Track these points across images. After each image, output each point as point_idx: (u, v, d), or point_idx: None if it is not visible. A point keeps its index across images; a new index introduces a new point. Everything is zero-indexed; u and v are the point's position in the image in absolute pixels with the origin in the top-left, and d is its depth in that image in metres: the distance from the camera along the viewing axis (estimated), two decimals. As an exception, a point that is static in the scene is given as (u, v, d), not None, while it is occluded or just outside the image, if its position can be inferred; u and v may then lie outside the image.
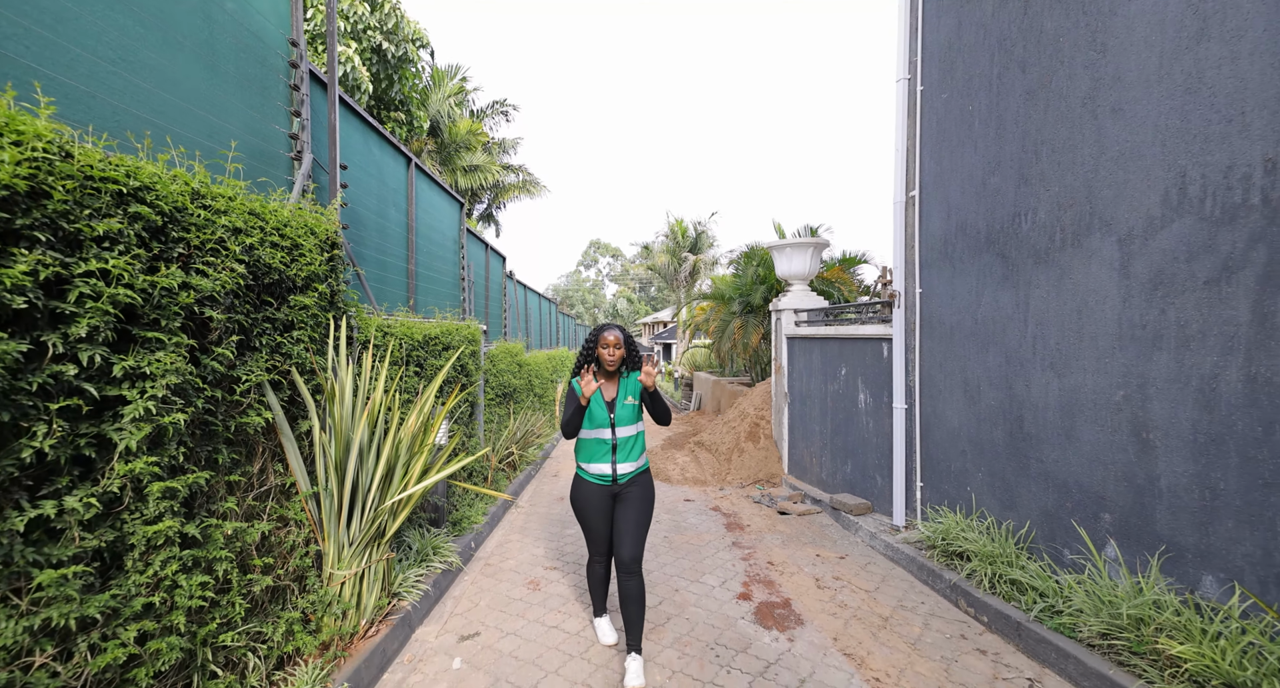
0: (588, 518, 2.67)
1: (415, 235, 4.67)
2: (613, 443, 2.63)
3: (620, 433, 2.64)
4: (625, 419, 2.66)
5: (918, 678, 2.52)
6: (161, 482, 1.73)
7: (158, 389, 1.68)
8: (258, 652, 2.20)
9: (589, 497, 2.65)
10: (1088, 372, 2.77)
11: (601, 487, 2.64)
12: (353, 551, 2.72)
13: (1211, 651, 1.99)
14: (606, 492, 2.65)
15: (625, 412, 2.66)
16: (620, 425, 2.64)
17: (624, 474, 2.64)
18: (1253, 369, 2.10)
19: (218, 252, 1.97)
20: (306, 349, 2.56)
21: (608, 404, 2.66)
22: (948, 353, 3.78)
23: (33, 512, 1.40)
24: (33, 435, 1.40)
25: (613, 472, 2.62)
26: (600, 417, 2.63)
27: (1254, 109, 2.08)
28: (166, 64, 2.19)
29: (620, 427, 2.64)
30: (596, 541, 2.71)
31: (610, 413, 2.64)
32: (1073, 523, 2.84)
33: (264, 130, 2.77)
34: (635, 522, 2.62)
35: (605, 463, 2.62)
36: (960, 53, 3.63)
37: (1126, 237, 2.57)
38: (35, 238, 1.39)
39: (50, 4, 1.75)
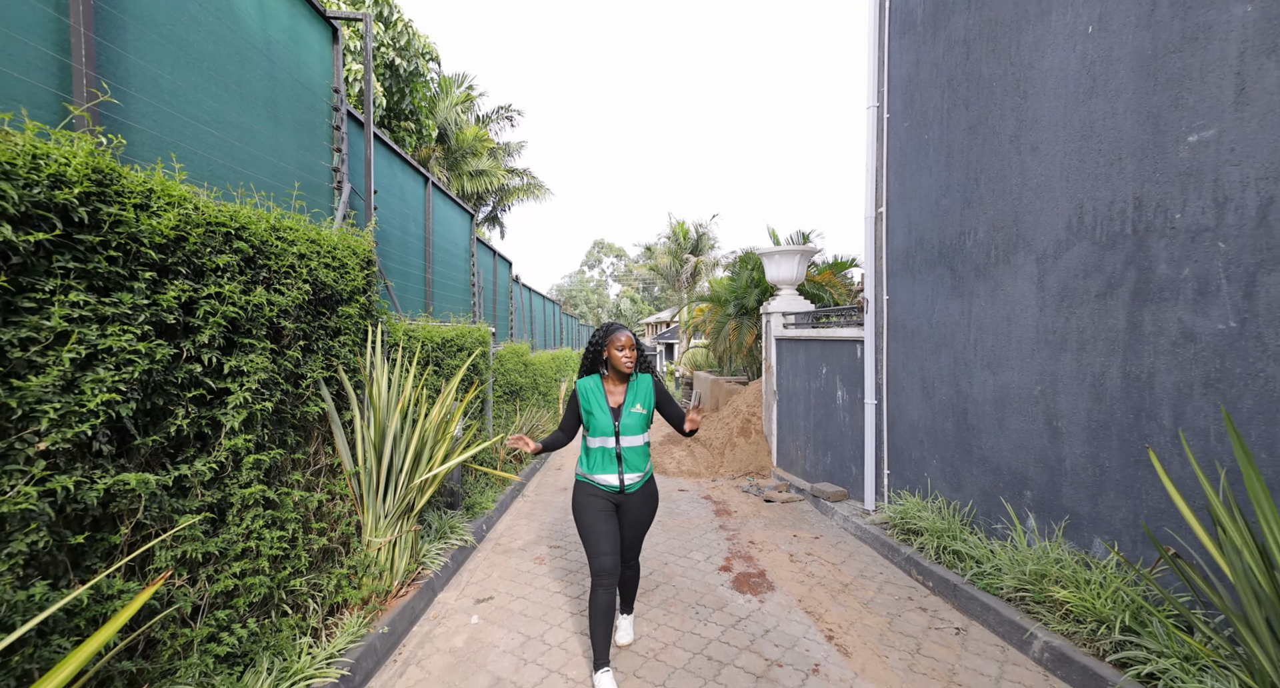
0: (591, 521, 2.44)
1: (432, 248, 5.21)
2: (617, 452, 2.45)
3: (625, 443, 2.45)
4: (631, 428, 2.46)
5: (864, 629, 3.03)
6: (253, 455, 2.27)
7: (251, 383, 2.21)
8: (316, 599, 2.73)
9: (591, 501, 2.48)
10: (1014, 371, 3.27)
11: (606, 493, 2.49)
12: (387, 521, 3.26)
13: (1089, 596, 2.49)
14: (611, 498, 2.50)
15: (632, 421, 2.46)
16: (625, 435, 2.45)
17: (631, 485, 2.49)
18: (1127, 368, 2.59)
19: (289, 274, 2.50)
20: (351, 351, 3.09)
21: (612, 411, 2.47)
22: (909, 354, 4.28)
23: (175, 472, 1.93)
24: (174, 416, 1.93)
25: (620, 482, 2.46)
26: (603, 424, 2.44)
27: (1128, 155, 2.58)
28: (243, 120, 2.72)
29: (625, 436, 2.45)
30: (602, 549, 2.39)
31: (615, 420, 2.45)
32: (1001, 500, 3.34)
33: (312, 165, 3.31)
34: (640, 531, 2.58)
35: (611, 474, 2.46)
36: (918, 87, 4.13)
37: (1042, 256, 3.07)
38: (178, 271, 1.92)
39: (168, 85, 2.28)
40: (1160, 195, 2.44)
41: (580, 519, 2.48)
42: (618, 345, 2.44)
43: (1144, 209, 2.51)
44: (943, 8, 3.83)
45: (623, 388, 2.52)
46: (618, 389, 2.52)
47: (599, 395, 2.50)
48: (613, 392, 2.51)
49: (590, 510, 2.45)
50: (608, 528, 2.43)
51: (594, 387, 2.52)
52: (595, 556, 2.39)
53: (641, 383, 2.54)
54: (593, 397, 2.50)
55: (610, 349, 2.45)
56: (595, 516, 2.44)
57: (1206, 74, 2.25)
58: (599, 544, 2.39)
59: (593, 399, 2.50)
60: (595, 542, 2.40)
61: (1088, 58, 2.76)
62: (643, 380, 2.55)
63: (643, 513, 2.55)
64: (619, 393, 2.51)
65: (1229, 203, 2.18)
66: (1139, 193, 2.53)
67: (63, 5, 1.86)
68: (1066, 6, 2.88)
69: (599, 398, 2.49)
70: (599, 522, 2.43)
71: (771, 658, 2.75)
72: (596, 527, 2.42)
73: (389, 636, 2.88)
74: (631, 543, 2.60)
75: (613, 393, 2.51)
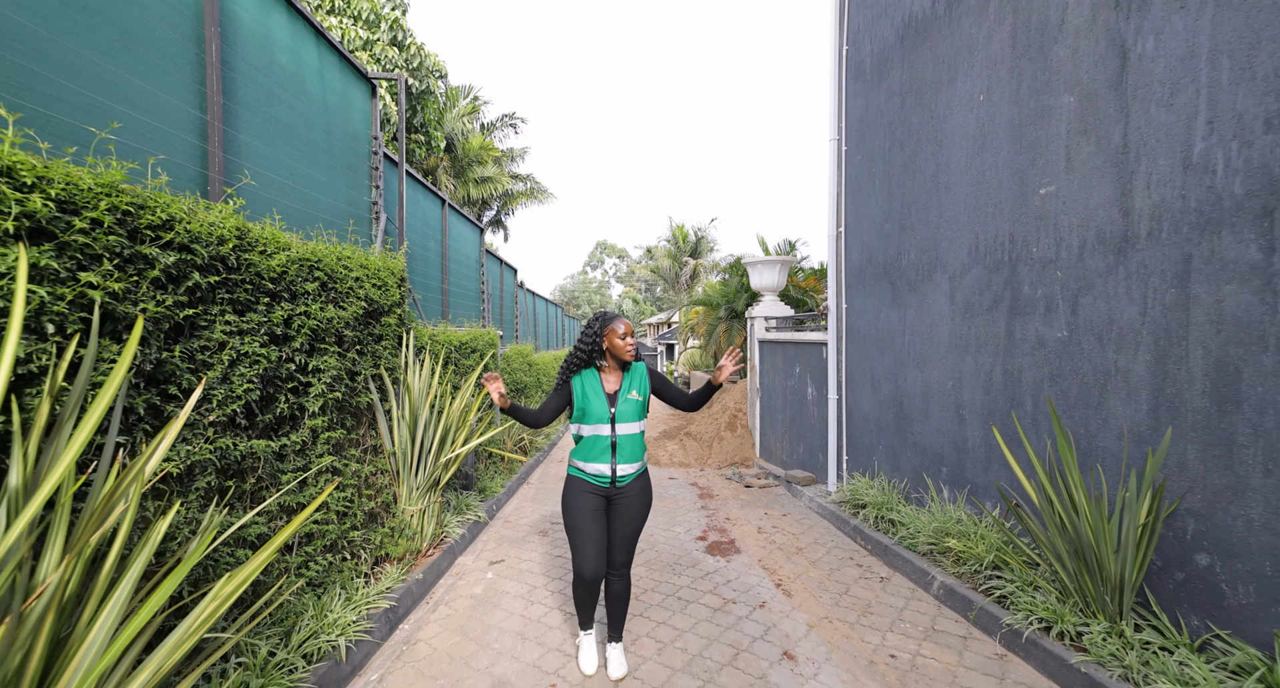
0: (579, 520, 2.44)
1: (448, 261, 5.99)
2: (612, 440, 2.45)
3: (621, 430, 2.46)
4: (627, 415, 2.47)
5: (807, 579, 3.77)
6: (326, 433, 3.03)
7: (326, 378, 2.98)
8: (366, 549, 3.49)
9: (581, 498, 2.48)
10: (935, 369, 4.01)
11: (597, 487, 2.48)
12: (418, 493, 4.02)
13: (972, 544, 3.24)
14: (602, 494, 2.49)
15: (628, 407, 2.48)
16: (621, 422, 2.46)
17: (624, 476, 2.48)
18: (1005, 366, 3.34)
19: (349, 294, 3.27)
20: (390, 353, 3.86)
21: (608, 397, 2.48)
22: (862, 355, 5.02)
23: (279, 443, 2.69)
24: (279, 402, 2.69)
25: (612, 472, 2.45)
26: (599, 411, 2.45)
27: (1004, 200, 3.32)
28: (309, 171, 3.50)
29: (621, 423, 2.46)
30: (588, 553, 2.41)
31: (611, 407, 2.46)
32: (925, 476, 4.08)
33: (357, 200, 4.08)
34: (631, 530, 2.53)
35: (604, 463, 2.45)
36: (867, 126, 4.88)
37: (953, 275, 3.81)
38: (282, 296, 2.69)
39: (262, 152, 3.05)
40: (1024, 233, 3.18)
41: (568, 519, 2.48)
42: (619, 334, 2.45)
43: (1015, 243, 3.25)
44: (884, 62, 4.58)
45: (618, 377, 2.54)
46: (613, 378, 2.53)
47: (595, 385, 2.49)
48: (609, 380, 2.53)
49: (579, 510, 2.45)
50: (595, 530, 2.44)
51: (590, 378, 2.53)
52: (580, 558, 2.42)
53: (637, 370, 2.56)
54: (589, 385, 2.50)
55: (611, 339, 2.46)
56: (584, 516, 2.44)
57: (1050, 144, 2.99)
58: (585, 548, 2.41)
59: (589, 388, 2.49)
60: (581, 545, 2.42)
61: (980, 120, 3.51)
62: (638, 368, 2.57)
63: (635, 508, 2.52)
64: (614, 381, 2.53)
65: (1063, 242, 2.92)
66: (1011, 230, 3.27)
67: (204, 106, 2.63)
68: (967, 77, 3.62)
69: (594, 385, 2.48)
70: (587, 523, 2.43)
71: (728, 598, 3.51)
72: (584, 529, 2.43)
73: (422, 582, 3.64)
74: (622, 543, 2.52)
75: (608, 381, 2.52)
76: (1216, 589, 2.25)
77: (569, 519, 2.49)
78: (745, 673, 2.67)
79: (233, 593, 1.56)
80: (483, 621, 3.29)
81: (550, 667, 2.73)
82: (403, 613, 3.32)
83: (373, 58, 8.97)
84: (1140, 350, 2.53)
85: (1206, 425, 2.27)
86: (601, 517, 2.49)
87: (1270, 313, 2.05)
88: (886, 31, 4.55)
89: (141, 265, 1.90)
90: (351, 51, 8.98)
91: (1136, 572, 2.42)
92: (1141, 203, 2.51)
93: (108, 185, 1.75)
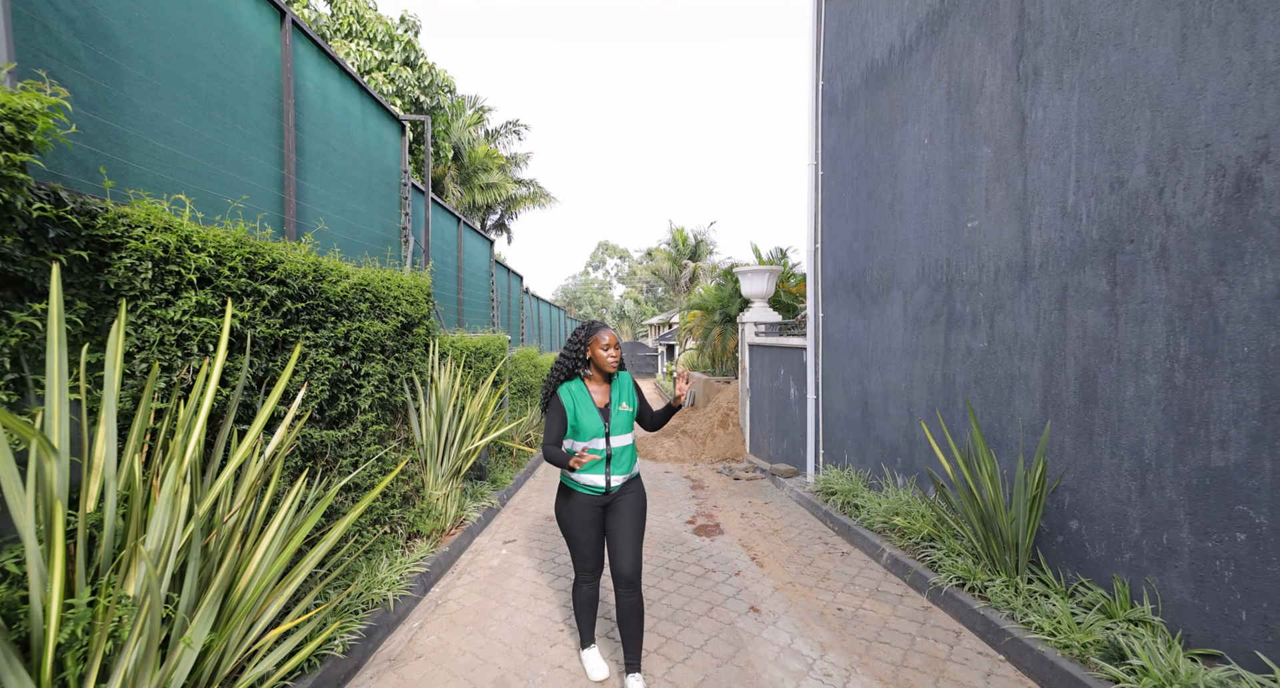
0: (576, 531, 2.49)
1: (463, 273, 6.66)
2: (607, 453, 2.46)
3: (615, 443, 2.46)
4: (621, 427, 2.48)
5: (779, 554, 4.43)
6: (373, 426, 3.69)
7: (374, 381, 3.64)
8: (402, 526, 4.16)
9: (577, 509, 2.49)
10: (892, 372, 4.66)
11: (592, 497, 2.49)
12: (442, 479, 4.69)
13: (914, 521, 3.89)
14: (597, 502, 2.51)
15: (621, 419, 2.49)
16: (616, 435, 2.46)
17: (617, 485, 2.50)
18: (944, 371, 3.98)
19: (390, 310, 3.93)
20: (420, 359, 4.52)
21: (600, 411, 2.47)
22: (835, 359, 5.67)
23: (340, 433, 3.36)
24: (340, 400, 3.35)
25: (606, 482, 2.46)
26: (593, 426, 2.43)
27: (943, 230, 3.97)
28: (354, 205, 4.16)
29: (616, 436, 2.46)
30: (585, 556, 2.50)
31: (605, 421, 2.46)
32: (883, 466, 4.73)
33: (389, 225, 4.75)
34: (632, 531, 2.50)
35: (599, 474, 2.45)
36: (839, 155, 5.52)
37: (906, 292, 4.46)
38: (343, 314, 3.35)
39: (321, 193, 3.72)
40: (957, 259, 3.83)
41: (566, 530, 2.54)
42: (602, 345, 2.45)
43: (951, 267, 3.90)
44: (852, 100, 5.23)
45: (605, 388, 2.54)
46: (600, 389, 2.53)
47: (584, 397, 2.47)
48: (596, 391, 2.52)
49: (576, 521, 2.50)
50: (592, 537, 2.52)
51: (578, 389, 2.50)
52: (580, 561, 2.55)
53: (624, 380, 2.59)
54: (579, 400, 2.47)
55: (594, 349, 2.46)
56: (581, 527, 2.49)
57: (974, 186, 3.64)
58: (584, 553, 2.54)
59: (579, 402, 2.47)
60: (581, 551, 2.53)
61: (925, 160, 4.15)
62: (624, 378, 2.60)
63: (631, 505, 2.55)
64: (603, 393, 2.53)
65: (984, 268, 3.57)
66: (948, 256, 3.92)
67: (281, 162, 3.30)
68: (915, 122, 4.27)
69: (584, 400, 2.47)
70: (584, 533, 2.50)
71: (709, 568, 4.16)
72: (582, 539, 2.51)
73: (448, 555, 4.31)
74: (626, 545, 2.50)
75: (596, 393, 2.51)
76: (1082, 547, 2.89)
77: (566, 530, 2.54)
78: (718, 621, 3.33)
79: (339, 534, 2.22)
80: (500, 586, 3.95)
81: (558, 617, 3.39)
82: (433, 579, 3.98)
83: (388, 78, 9.64)
84: (1035, 359, 3.17)
85: (1075, 419, 2.91)
86: (598, 524, 2.54)
87: (1114, 332, 2.69)
88: (854, 73, 5.19)
89: (256, 297, 2.56)
90: (368, 71, 9.66)
91: (1028, 536, 3.07)
92: (1036, 240, 3.16)
93: (239, 240, 2.41)
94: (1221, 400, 2.24)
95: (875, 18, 4.81)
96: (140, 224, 1.97)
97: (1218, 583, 2.27)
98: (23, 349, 1.60)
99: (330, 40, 9.36)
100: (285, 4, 3.19)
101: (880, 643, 3.02)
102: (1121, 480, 2.67)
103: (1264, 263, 2.10)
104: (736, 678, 2.73)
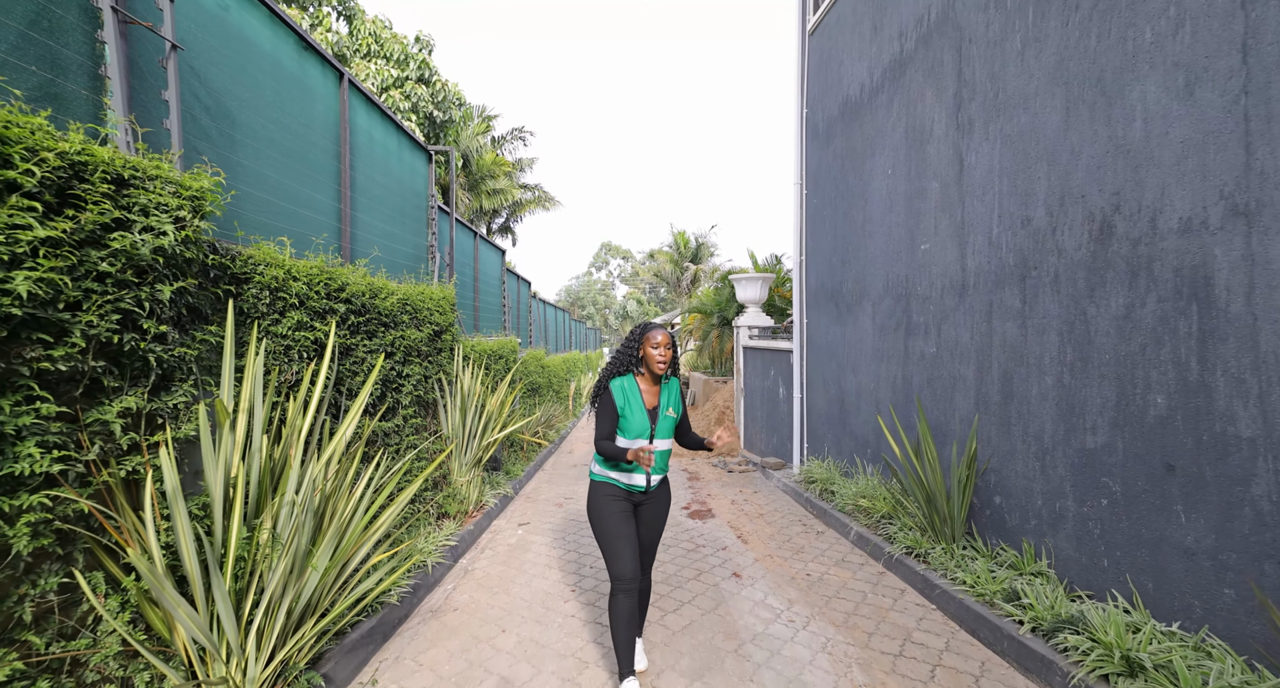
0: (613, 525, 2.44)
1: (479, 282, 7.34)
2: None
3: (659, 445, 2.51)
4: (665, 431, 2.52)
5: (762, 534, 5.08)
6: (411, 420, 4.37)
7: (413, 381, 4.31)
8: (433, 506, 4.83)
9: (610, 503, 2.49)
10: (863, 374, 5.31)
11: (630, 494, 2.54)
12: (466, 467, 5.36)
13: (877, 502, 4.54)
14: (631, 499, 2.55)
15: (666, 424, 2.53)
16: (659, 438, 2.51)
17: (656, 484, 2.58)
18: (904, 373, 4.64)
19: (425, 319, 4.60)
20: (447, 361, 5.20)
21: (649, 412, 2.50)
22: (817, 361, 6.32)
23: (388, 425, 4.03)
24: (387, 397, 4.03)
25: (647, 482, 2.51)
26: (640, 425, 2.46)
27: (902, 251, 4.62)
28: (391, 228, 4.85)
29: (659, 439, 2.51)
30: (624, 556, 2.39)
31: (652, 423, 2.49)
32: (855, 457, 5.39)
33: (418, 243, 5.43)
34: (657, 532, 2.64)
35: (641, 474, 2.49)
36: (820, 177, 6.18)
37: (874, 303, 5.11)
38: (389, 324, 4.02)
39: (367, 220, 4.40)
40: (914, 276, 4.48)
41: (599, 524, 2.47)
42: (653, 343, 2.46)
43: (909, 283, 4.55)
44: (831, 129, 5.88)
45: (656, 390, 2.56)
46: (652, 390, 2.54)
47: (635, 395, 2.49)
48: (647, 392, 2.53)
49: (611, 515, 2.45)
50: (628, 532, 2.44)
51: (629, 386, 2.52)
52: (616, 561, 2.38)
53: (673, 387, 2.60)
54: (630, 396, 2.50)
55: (645, 347, 2.48)
56: (616, 520, 2.45)
57: (925, 214, 4.29)
58: (620, 549, 2.39)
59: (630, 399, 2.49)
60: (617, 547, 2.40)
61: (888, 188, 4.81)
62: (674, 384, 2.61)
63: (660, 510, 2.62)
64: (653, 394, 2.54)
65: (934, 285, 4.22)
66: (907, 273, 4.57)
67: (339, 197, 3.98)
68: (881, 154, 4.92)
69: (635, 398, 2.48)
70: (620, 526, 2.44)
71: (700, 544, 4.83)
72: (617, 531, 2.43)
73: (471, 533, 4.98)
74: (649, 546, 2.61)
75: (647, 393, 2.53)
76: (1003, 519, 3.55)
77: (600, 524, 2.47)
78: (704, 584, 3.99)
79: (405, 499, 2.90)
80: (519, 559, 4.62)
81: (570, 582, 4.06)
82: (461, 552, 4.65)
83: (404, 95, 10.33)
84: (970, 363, 3.83)
85: (998, 413, 3.57)
86: (631, 519, 2.51)
87: (1024, 341, 3.34)
88: (831, 105, 5.85)
89: (332, 314, 3.24)
90: (386, 88, 10.35)
91: (962, 511, 3.72)
92: (970, 263, 3.81)
93: (320, 269, 3.09)
94: (1092, 397, 2.89)
95: (849, 57, 5.47)
96: (261, 262, 2.64)
97: (1090, 539, 2.92)
98: (194, 358, 2.28)
99: (350, 61, 10.06)
100: (344, 67, 3.86)
101: (838, 599, 3.68)
102: (1029, 462, 3.32)
103: (1118, 290, 2.75)
104: (717, 623, 3.39)
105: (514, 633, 3.31)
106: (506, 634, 3.30)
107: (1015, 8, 3.38)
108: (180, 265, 2.10)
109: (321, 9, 10.05)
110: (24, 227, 1.58)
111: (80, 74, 2.13)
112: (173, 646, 2.04)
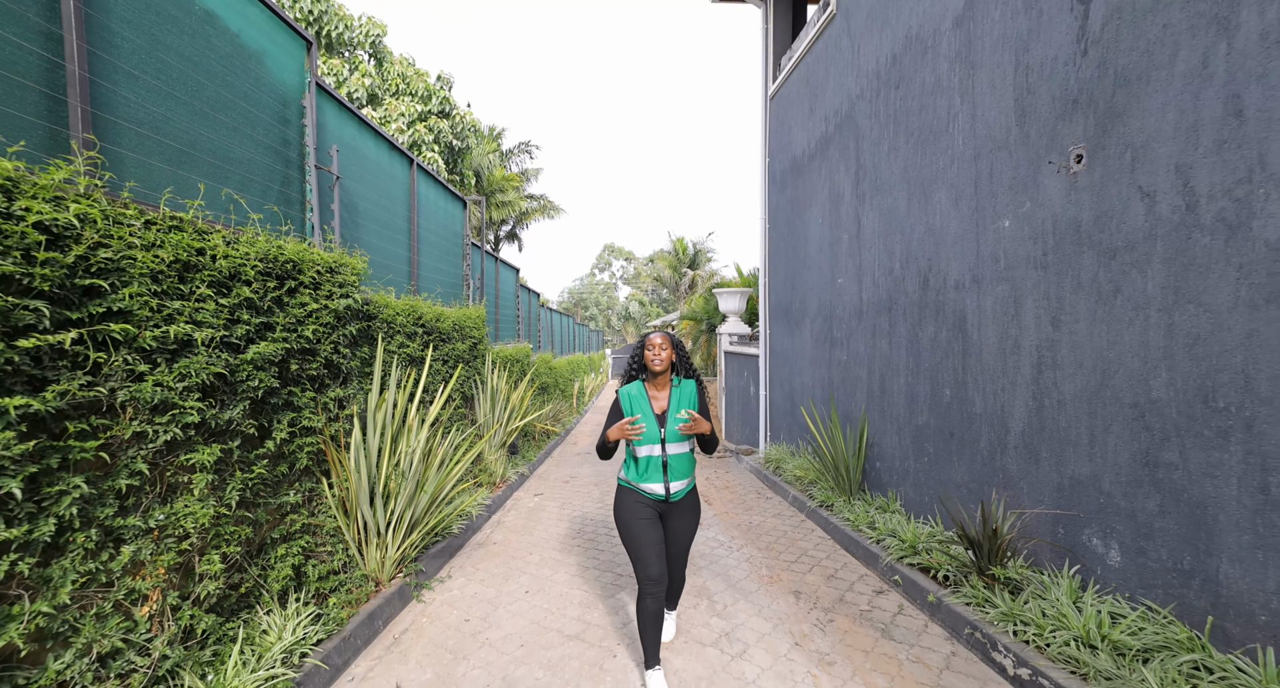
0: (637, 530, 2.48)
1: (499, 298, 8.98)
2: (663, 460, 2.50)
3: (671, 450, 2.50)
4: (677, 435, 2.51)
5: (725, 500, 6.69)
6: (459, 409, 5.99)
7: (457, 381, 5.93)
8: (471, 476, 6.45)
9: (636, 508, 2.52)
10: (805, 376, 6.90)
11: (652, 501, 2.55)
12: (495, 447, 6.99)
13: (807, 472, 6.15)
14: (656, 506, 2.56)
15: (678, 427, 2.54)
16: (671, 442, 2.50)
17: (677, 492, 2.55)
18: (828, 375, 6.23)
19: (467, 334, 6.21)
20: (480, 366, 6.82)
21: (657, 417, 2.51)
22: (777, 365, 7.92)
23: (425, 431, 5.65)
24: (435, 393, 5.65)
25: (666, 490, 2.51)
26: (650, 431, 2.48)
27: (827, 282, 6.21)
28: (437, 264, 6.48)
29: (671, 443, 2.50)
30: (649, 559, 2.43)
31: (661, 427, 2.50)
32: (798, 440, 7.00)
33: (456, 273, 7.07)
34: (686, 542, 2.63)
35: (658, 482, 2.50)
36: (778, 216, 7.78)
37: (811, 319, 6.70)
38: (445, 339, 5.64)
39: (425, 263, 6.04)
40: (833, 301, 6.07)
41: (625, 529, 2.51)
42: (648, 345, 2.52)
43: (831, 306, 6.15)
44: (784, 179, 7.48)
45: (665, 393, 2.56)
46: (660, 394, 2.56)
47: (643, 401, 2.53)
48: (656, 397, 2.55)
49: (636, 519, 2.49)
50: (653, 536, 2.48)
51: (637, 393, 2.56)
52: (641, 564, 2.43)
53: (685, 388, 2.58)
54: (637, 403, 2.54)
55: (644, 351, 2.53)
56: (641, 525, 2.48)
57: (840, 257, 5.88)
58: (645, 554, 2.43)
59: (637, 406, 2.53)
60: (642, 552, 2.44)
61: (819, 234, 6.40)
62: (686, 386, 2.59)
63: (687, 522, 2.63)
64: (662, 398, 2.55)
65: (846, 309, 5.81)
66: (830, 300, 6.17)
67: (409, 247, 5.62)
68: (815, 206, 6.52)
69: (643, 404, 2.51)
70: (645, 531, 2.47)
71: (675, 505, 6.44)
72: (643, 536, 2.46)
73: (499, 499, 6.61)
74: (678, 555, 2.63)
75: (656, 398, 2.54)
76: (880, 477, 5.15)
77: (626, 529, 2.51)
78: (674, 528, 5.60)
79: (471, 457, 4.52)
80: (537, 515, 6.24)
81: (575, 530, 5.67)
82: (493, 511, 6.28)
83: (428, 129, 11.96)
84: (864, 367, 5.42)
85: (878, 403, 5.16)
86: (657, 524, 2.54)
87: (890, 353, 4.93)
88: (785, 160, 7.45)
89: (415, 336, 4.85)
90: (412, 122, 12.00)
91: (857, 473, 5.33)
92: (865, 296, 5.41)
93: (409, 305, 4.70)
94: (921, 390, 4.49)
95: (796, 126, 7.07)
96: (382, 306, 4.26)
97: (918, 485, 4.52)
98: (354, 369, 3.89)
99: (382, 100, 11.71)
100: (412, 154, 5.50)
101: (766, 536, 5.29)
102: (892, 437, 4.92)
103: (930, 321, 4.34)
104: (678, 548, 5.01)
105: (537, 554, 4.93)
106: (532, 555, 4.92)
107: (885, 121, 4.97)
108: (356, 313, 3.72)
109: (357, 53, 11.70)
110: (304, 303, 3.20)
111: (296, 204, 3.76)
112: (349, 531, 3.66)
